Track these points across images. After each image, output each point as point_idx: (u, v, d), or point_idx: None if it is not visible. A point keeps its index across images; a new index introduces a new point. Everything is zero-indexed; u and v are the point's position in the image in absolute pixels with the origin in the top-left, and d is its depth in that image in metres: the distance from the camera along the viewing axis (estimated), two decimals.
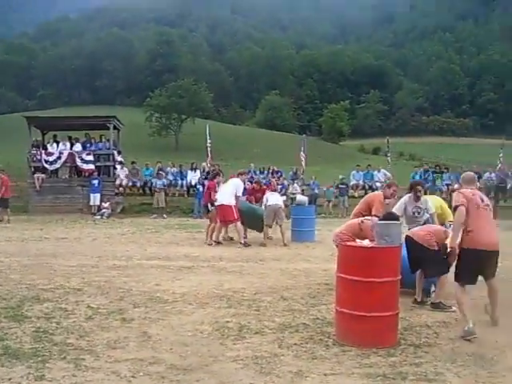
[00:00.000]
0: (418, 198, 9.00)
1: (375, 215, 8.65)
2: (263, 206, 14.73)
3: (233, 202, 13.98)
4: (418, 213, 8.97)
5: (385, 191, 9.51)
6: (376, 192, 10.27)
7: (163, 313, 7.21)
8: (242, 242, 13.94)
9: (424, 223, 8.74)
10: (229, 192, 14.15)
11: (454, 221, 6.62)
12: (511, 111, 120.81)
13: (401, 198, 9.33)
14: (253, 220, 14.59)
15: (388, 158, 31.45)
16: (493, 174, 27.90)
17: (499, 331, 6.63)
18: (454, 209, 6.53)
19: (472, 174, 7.63)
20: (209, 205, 14.78)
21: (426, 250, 7.63)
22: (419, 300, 7.92)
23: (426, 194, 10.21)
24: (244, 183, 15.64)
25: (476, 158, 61.28)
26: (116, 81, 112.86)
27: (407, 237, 7.75)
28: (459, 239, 6.54)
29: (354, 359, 5.52)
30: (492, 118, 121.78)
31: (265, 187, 16.63)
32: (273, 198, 14.81)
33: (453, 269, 6.92)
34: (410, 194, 9.09)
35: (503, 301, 8.05)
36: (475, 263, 6.56)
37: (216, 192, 14.47)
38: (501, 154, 28.70)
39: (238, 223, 14.03)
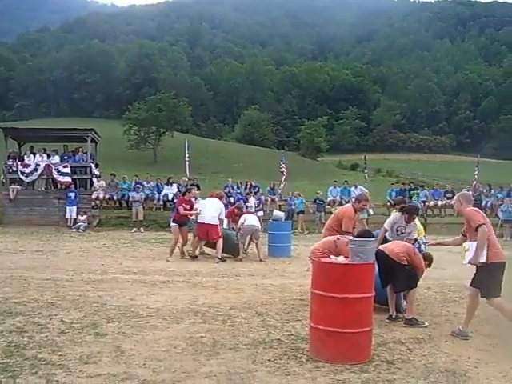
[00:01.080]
0: (409, 221, 9.13)
1: (346, 231, 8.74)
2: (239, 225, 14.70)
3: (217, 222, 14.10)
4: (402, 233, 9.09)
5: (355, 205, 9.51)
6: (346, 206, 10.26)
7: (137, 328, 7.18)
8: (220, 256, 13.92)
9: None
10: (213, 212, 14.20)
11: (479, 239, 6.85)
12: (486, 129, 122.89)
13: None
14: (228, 245, 14.57)
15: (365, 174, 31.63)
16: (469, 192, 28.18)
17: (471, 347, 6.69)
18: (476, 228, 6.87)
19: (469, 193, 8.11)
20: (171, 221, 14.65)
21: (397, 265, 7.73)
22: (394, 316, 7.97)
23: None
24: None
25: (452, 175, 62.08)
26: (95, 93, 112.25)
27: (379, 250, 7.81)
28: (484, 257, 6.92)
29: (328, 375, 5.54)
30: (468, 136, 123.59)
31: (245, 212, 16.53)
32: (251, 219, 14.81)
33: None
34: (403, 214, 9.16)
35: (478, 317, 8.16)
36: (502, 275, 7.01)
37: (182, 207, 14.44)
38: (476, 172, 29.00)
39: (220, 240, 14.04)
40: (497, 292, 6.83)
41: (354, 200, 10.07)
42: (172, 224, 14.60)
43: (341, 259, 6.54)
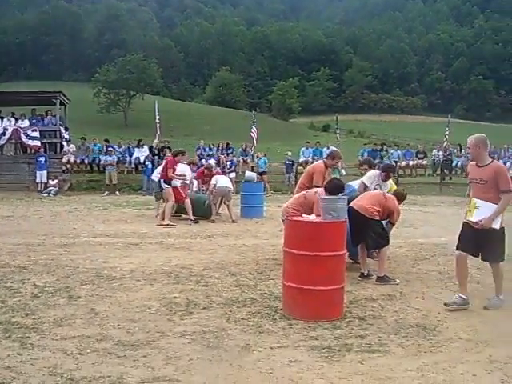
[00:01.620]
0: (385, 180, 9.18)
1: (316, 185, 8.69)
2: (211, 186, 14.66)
3: (177, 184, 13.85)
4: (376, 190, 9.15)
5: (327, 161, 9.41)
6: (317, 162, 10.24)
7: (111, 290, 7.18)
8: (192, 218, 13.90)
9: None
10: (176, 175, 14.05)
11: (502, 205, 6.29)
12: (458, 90, 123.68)
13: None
14: (199, 207, 14.51)
15: (337, 134, 31.75)
16: (439, 152, 28.49)
17: (441, 303, 6.80)
18: (503, 191, 6.27)
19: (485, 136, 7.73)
20: (162, 182, 14.00)
21: (367, 221, 7.78)
22: (365, 274, 8.07)
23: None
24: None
25: (423, 136, 62.51)
26: (63, 56, 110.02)
27: (350, 208, 7.84)
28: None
29: (301, 332, 5.62)
30: (439, 97, 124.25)
31: (214, 172, 16.45)
32: (223, 181, 14.77)
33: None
34: (380, 173, 9.18)
35: (447, 274, 8.32)
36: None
37: (172, 169, 14.20)
38: (447, 132, 29.23)
39: (187, 200, 13.98)
40: (503, 256, 6.57)
41: (326, 156, 10.00)
42: (165, 186, 13.82)
43: (312, 217, 6.58)
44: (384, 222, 8.20)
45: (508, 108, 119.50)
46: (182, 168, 14.31)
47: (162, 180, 13.93)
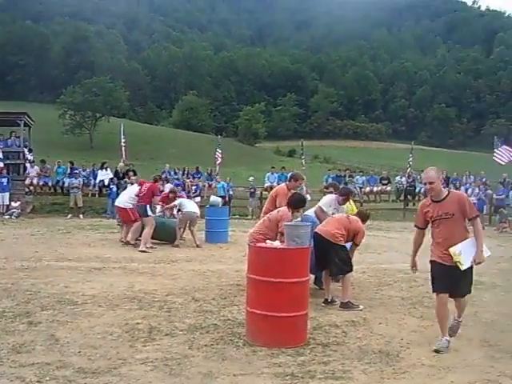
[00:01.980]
0: (343, 203, 9.22)
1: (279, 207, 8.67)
2: (174, 208, 14.60)
3: (129, 206, 13.88)
4: (334, 214, 9.19)
5: (290, 184, 9.35)
6: (280, 185, 10.28)
7: (72, 315, 7.07)
8: (132, 242, 13.78)
9: None
10: (128, 197, 14.11)
11: (479, 232, 6.06)
12: (421, 117, 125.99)
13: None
14: (164, 232, 14.44)
15: (302, 160, 31.95)
16: (403, 178, 28.85)
17: (404, 329, 6.87)
18: (472, 218, 6.04)
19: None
20: (147, 208, 13.82)
21: (332, 246, 7.83)
22: (329, 300, 8.09)
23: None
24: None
25: (387, 162, 63.32)
26: (29, 76, 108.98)
27: (315, 233, 7.90)
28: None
29: (264, 359, 5.59)
30: (403, 124, 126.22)
31: (180, 195, 16.37)
32: (190, 206, 14.73)
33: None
34: (338, 197, 9.21)
35: (410, 300, 8.39)
36: None
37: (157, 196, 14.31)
38: (410, 159, 29.64)
39: (135, 224, 13.87)
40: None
41: (288, 178, 9.97)
42: (150, 213, 13.78)
43: (276, 244, 6.58)
44: (348, 245, 8.26)
45: (469, 135, 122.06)
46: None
47: (147, 206, 13.77)
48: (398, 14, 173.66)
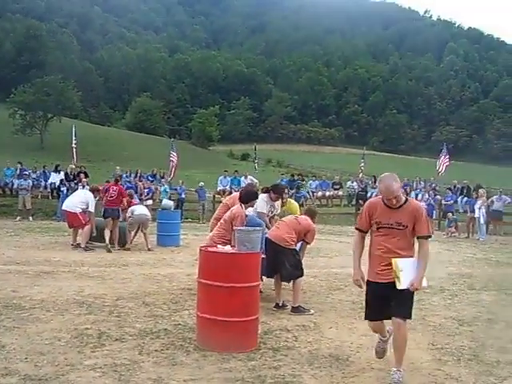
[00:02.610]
0: (275, 200, 9.26)
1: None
2: (128, 215, 14.49)
3: (78, 210, 13.74)
4: (272, 212, 9.26)
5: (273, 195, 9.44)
6: (234, 194, 10.28)
7: (19, 320, 6.92)
8: (83, 246, 13.64)
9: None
10: (78, 201, 13.98)
11: (426, 256, 5.18)
12: (373, 123, 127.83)
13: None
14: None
15: (255, 164, 32.08)
16: (354, 183, 29.20)
17: (354, 333, 6.94)
18: (425, 237, 5.22)
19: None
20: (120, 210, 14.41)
21: (284, 251, 7.88)
22: (280, 304, 8.12)
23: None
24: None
25: (340, 167, 63.99)
26: None
27: (266, 238, 7.96)
28: None
29: (215, 364, 5.57)
30: (356, 129, 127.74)
31: (133, 202, 16.17)
32: (140, 209, 14.65)
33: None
34: (270, 194, 9.22)
35: (360, 304, 8.48)
36: None
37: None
38: (362, 164, 30.05)
39: (86, 227, 13.72)
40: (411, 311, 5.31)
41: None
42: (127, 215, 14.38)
43: (227, 248, 6.58)
44: (299, 245, 8.31)
45: (420, 141, 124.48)
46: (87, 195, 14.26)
47: (119, 208, 14.24)
48: (352, 21, 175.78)
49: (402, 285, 5.04)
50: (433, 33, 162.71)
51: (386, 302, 5.13)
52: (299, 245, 8.35)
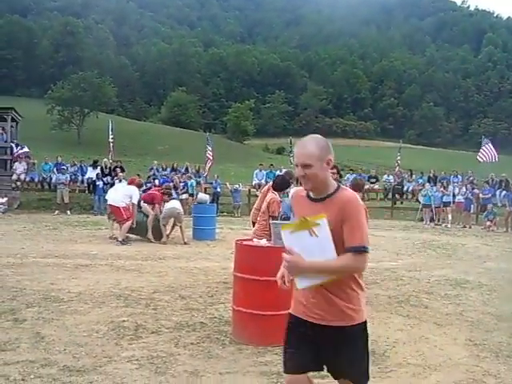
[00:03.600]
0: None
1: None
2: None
3: (122, 204, 13.87)
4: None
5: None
6: (269, 184, 10.31)
7: (58, 313, 7.02)
8: (120, 239, 13.79)
9: None
10: (121, 194, 14.12)
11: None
12: (409, 116, 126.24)
13: None
14: (141, 228, 14.52)
15: (291, 157, 31.94)
16: (390, 176, 28.95)
17: (390, 328, 6.87)
18: (360, 252, 3.33)
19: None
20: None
21: None
22: None
23: None
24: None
25: (375, 161, 63.49)
26: (16, 71, 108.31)
27: None
28: None
29: (250, 358, 5.58)
30: (391, 122, 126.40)
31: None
32: (171, 203, 14.76)
33: None
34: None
35: (396, 298, 8.41)
36: None
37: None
38: (398, 157, 29.76)
39: (127, 223, 13.86)
40: (368, 374, 3.54)
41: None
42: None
43: (263, 242, 6.57)
44: None
45: (457, 134, 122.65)
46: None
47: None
48: (388, 12, 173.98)
49: (288, 235, 3.28)
50: (470, 23, 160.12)
51: (312, 347, 3.32)
52: None
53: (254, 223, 9.28)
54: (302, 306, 3.45)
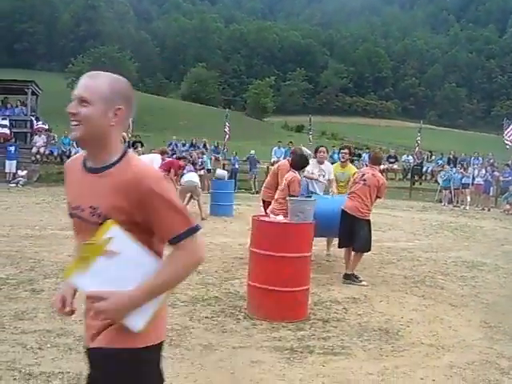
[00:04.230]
0: (322, 162, 9.31)
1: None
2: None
3: None
4: (323, 176, 9.27)
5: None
6: (282, 161, 10.35)
7: None
8: None
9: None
10: None
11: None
12: (431, 96, 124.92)
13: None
14: None
15: (310, 135, 31.91)
16: (410, 157, 28.77)
17: (405, 308, 6.88)
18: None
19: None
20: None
21: (358, 222, 7.87)
22: (349, 273, 8.10)
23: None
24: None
25: (395, 141, 63.02)
26: (37, 44, 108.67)
27: (342, 210, 8.03)
28: None
29: (264, 333, 5.62)
30: (413, 102, 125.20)
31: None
32: (188, 176, 14.70)
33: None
34: (315, 159, 9.32)
35: (412, 278, 8.40)
36: None
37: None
38: (418, 138, 29.54)
39: None
40: None
41: (290, 153, 10.00)
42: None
43: (280, 218, 6.58)
44: None
45: (479, 116, 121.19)
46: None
47: None
48: None
49: (81, 277, 2.22)
50: (496, 3, 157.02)
51: None
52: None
53: (264, 201, 9.30)
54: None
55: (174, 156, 22.19)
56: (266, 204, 9.07)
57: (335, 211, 8.05)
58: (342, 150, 10.18)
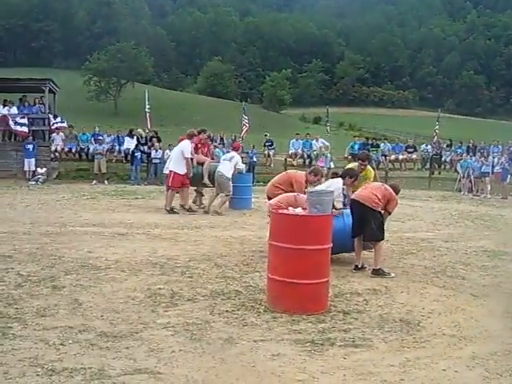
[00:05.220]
0: (352, 184, 9.16)
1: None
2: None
3: (177, 169, 13.55)
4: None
5: (309, 177, 9.41)
6: (299, 172, 10.13)
7: (95, 280, 7.15)
8: (187, 207, 13.84)
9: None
10: (175, 157, 13.86)
11: None
12: (449, 85, 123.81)
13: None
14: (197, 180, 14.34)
15: (327, 127, 31.78)
16: (429, 146, 28.56)
17: (426, 298, 6.84)
18: None
19: None
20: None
21: (371, 211, 7.81)
22: (359, 266, 8.08)
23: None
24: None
25: (413, 130, 62.65)
26: (53, 42, 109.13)
27: (352, 200, 8.00)
28: None
29: (284, 326, 5.62)
30: (430, 91, 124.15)
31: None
32: (222, 167, 14.26)
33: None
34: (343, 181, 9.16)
35: (433, 269, 8.35)
36: None
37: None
38: (437, 127, 29.30)
39: (184, 190, 13.84)
40: None
41: (309, 171, 9.78)
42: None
43: (298, 210, 6.57)
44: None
45: (498, 104, 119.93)
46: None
47: None
48: None
49: None
50: None
51: None
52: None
53: (269, 198, 9.22)
54: None
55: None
56: None
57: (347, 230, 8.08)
58: (360, 161, 9.60)
